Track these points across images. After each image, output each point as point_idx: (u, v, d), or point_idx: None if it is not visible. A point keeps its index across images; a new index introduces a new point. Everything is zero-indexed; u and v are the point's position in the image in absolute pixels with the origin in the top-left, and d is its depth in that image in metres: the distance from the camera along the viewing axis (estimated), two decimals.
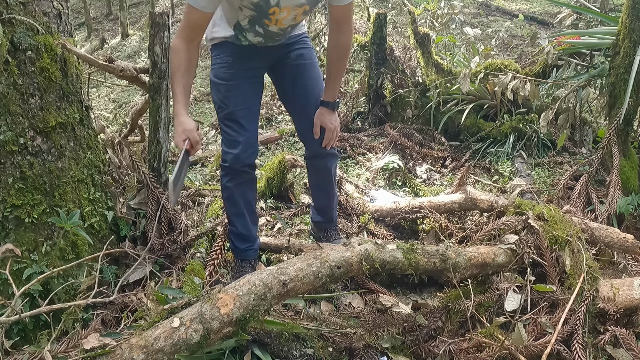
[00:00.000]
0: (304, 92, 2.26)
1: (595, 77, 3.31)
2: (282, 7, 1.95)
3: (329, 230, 2.60)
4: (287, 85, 2.30)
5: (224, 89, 2.16)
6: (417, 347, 1.86)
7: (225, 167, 2.21)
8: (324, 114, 2.22)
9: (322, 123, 2.22)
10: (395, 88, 4.19)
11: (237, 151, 2.14)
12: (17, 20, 1.86)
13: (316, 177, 2.50)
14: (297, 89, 2.27)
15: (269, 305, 1.65)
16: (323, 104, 2.23)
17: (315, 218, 2.63)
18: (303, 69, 2.26)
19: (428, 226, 2.72)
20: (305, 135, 2.32)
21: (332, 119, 2.22)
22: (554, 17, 4.43)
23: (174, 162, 4.35)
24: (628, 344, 1.83)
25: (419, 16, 4.84)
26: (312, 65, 2.29)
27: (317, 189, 2.55)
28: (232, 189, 2.24)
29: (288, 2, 1.94)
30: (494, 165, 3.60)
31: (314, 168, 2.47)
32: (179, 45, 1.96)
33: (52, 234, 2.02)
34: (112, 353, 1.49)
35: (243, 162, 2.17)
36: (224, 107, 2.17)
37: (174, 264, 2.33)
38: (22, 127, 1.91)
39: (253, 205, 2.35)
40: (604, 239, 2.27)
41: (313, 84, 2.27)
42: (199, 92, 7.24)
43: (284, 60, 2.26)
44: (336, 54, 2.18)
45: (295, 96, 2.29)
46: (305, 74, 2.26)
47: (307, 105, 2.25)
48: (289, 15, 2.00)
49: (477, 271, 2.03)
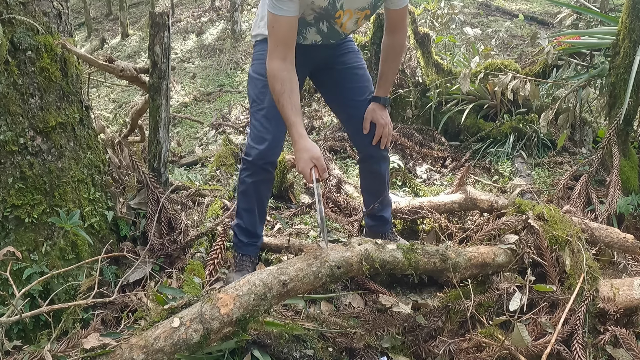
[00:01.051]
0: (352, 96, 2.25)
1: (595, 77, 3.31)
2: (345, 10, 1.95)
3: (385, 234, 2.52)
4: (336, 90, 2.30)
5: (261, 85, 2.13)
6: (417, 347, 1.86)
7: (247, 162, 2.19)
8: (375, 109, 2.22)
9: (373, 119, 2.22)
10: (395, 88, 4.19)
11: (262, 147, 2.13)
12: (17, 20, 1.86)
13: (369, 181, 2.47)
14: (345, 93, 2.26)
15: (269, 305, 1.65)
16: (375, 99, 2.23)
17: (369, 223, 2.55)
18: (350, 73, 2.26)
19: (428, 226, 2.72)
20: (356, 137, 2.31)
21: (383, 115, 2.22)
22: (554, 17, 4.43)
23: (174, 162, 4.37)
24: (628, 344, 1.83)
25: (419, 16, 4.84)
26: (359, 68, 2.28)
27: (370, 194, 2.49)
28: (249, 184, 2.22)
29: (350, 4, 1.95)
30: (494, 165, 3.60)
31: (366, 172, 2.44)
32: (276, 68, 1.86)
33: (52, 234, 2.02)
34: (112, 353, 1.49)
35: (266, 159, 2.15)
36: (259, 102, 2.15)
37: (174, 263, 2.33)
38: (22, 127, 1.91)
39: (265, 205, 2.34)
40: (604, 239, 2.27)
41: (362, 88, 2.26)
42: (199, 92, 7.24)
43: (330, 64, 2.26)
44: (391, 53, 2.21)
45: (344, 100, 2.29)
46: (353, 78, 2.26)
47: (357, 109, 2.24)
48: (352, 18, 2.02)
49: (477, 271, 2.03)
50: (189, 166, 4.36)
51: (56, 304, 1.73)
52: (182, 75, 8.19)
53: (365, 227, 2.63)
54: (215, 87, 7.40)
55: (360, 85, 2.27)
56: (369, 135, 2.26)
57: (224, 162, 3.73)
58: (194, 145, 5.13)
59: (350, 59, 2.28)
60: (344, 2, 1.94)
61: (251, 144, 2.16)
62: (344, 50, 2.27)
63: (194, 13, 11.41)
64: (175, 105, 6.73)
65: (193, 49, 9.37)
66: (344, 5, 1.94)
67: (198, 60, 8.80)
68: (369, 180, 2.47)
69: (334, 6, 1.94)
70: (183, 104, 6.84)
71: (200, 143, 5.20)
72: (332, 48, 2.22)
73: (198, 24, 10.59)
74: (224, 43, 9.18)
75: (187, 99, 6.97)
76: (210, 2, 11.53)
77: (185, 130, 5.82)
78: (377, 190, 2.45)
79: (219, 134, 5.24)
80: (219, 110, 6.13)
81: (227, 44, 9.06)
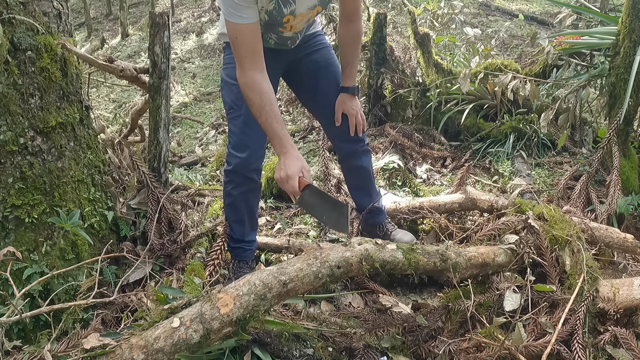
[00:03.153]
0: (326, 96, 2.23)
1: (595, 77, 3.30)
2: (297, 15, 1.92)
3: (382, 224, 2.49)
4: (308, 91, 2.28)
5: (237, 90, 2.07)
6: (417, 347, 1.86)
7: (231, 173, 2.14)
8: (345, 100, 2.19)
9: (344, 110, 2.20)
10: (395, 88, 4.19)
11: (244, 155, 2.08)
12: (17, 20, 1.86)
13: (355, 179, 2.44)
14: (319, 94, 2.24)
15: (269, 305, 1.65)
16: (343, 90, 2.20)
17: (365, 217, 2.50)
18: (321, 72, 2.23)
19: (428, 226, 2.72)
20: (333, 135, 2.29)
21: (353, 105, 2.19)
22: (554, 17, 4.43)
23: (174, 162, 4.37)
24: (628, 344, 1.82)
25: (419, 16, 4.83)
26: (329, 66, 2.24)
27: (359, 191, 2.47)
28: (235, 197, 2.19)
29: (302, 8, 1.91)
30: (494, 165, 3.60)
31: (350, 169, 2.41)
32: (250, 80, 1.79)
33: (52, 234, 2.02)
34: (112, 353, 1.49)
35: (249, 166, 2.11)
36: (236, 108, 2.09)
37: (174, 264, 2.33)
38: (22, 127, 1.91)
39: (255, 212, 2.32)
40: (604, 239, 2.27)
41: (334, 87, 2.23)
42: (199, 92, 7.24)
43: (300, 64, 2.22)
44: (350, 41, 2.16)
45: (318, 101, 2.27)
46: (324, 77, 2.23)
47: (331, 108, 2.22)
48: (303, 19, 1.99)
49: (477, 271, 2.03)
50: (189, 166, 4.36)
51: (56, 304, 1.73)
52: (182, 75, 8.20)
53: (361, 223, 2.61)
54: (215, 87, 7.40)
55: (330, 86, 2.23)
56: (344, 127, 2.22)
57: (224, 162, 3.72)
58: (194, 145, 5.13)
59: (320, 57, 2.23)
60: (296, 7, 1.88)
61: (232, 152, 2.10)
62: (313, 47, 2.22)
63: (194, 13, 11.42)
64: (175, 105, 6.73)
65: (193, 49, 9.38)
66: (295, 11, 1.89)
67: (198, 60, 8.81)
68: (354, 177, 2.44)
69: (280, 12, 1.87)
70: (183, 104, 6.85)
71: (200, 143, 5.21)
72: (297, 48, 2.17)
73: (198, 24, 10.59)
74: None
75: (187, 99, 6.97)
76: (210, 2, 11.53)
77: (185, 130, 5.83)
78: (366, 186, 2.43)
79: (219, 134, 5.24)
80: (219, 110, 6.14)
81: None
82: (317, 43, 2.24)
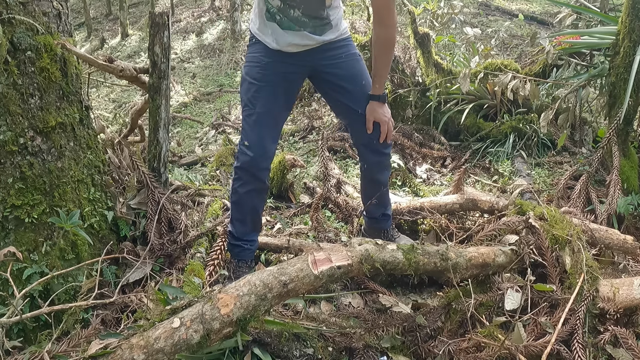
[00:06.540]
0: (353, 106, 2.20)
1: (595, 77, 3.30)
2: None
3: (387, 230, 2.51)
4: (335, 99, 2.26)
5: (254, 89, 2.10)
6: (417, 347, 1.86)
7: (239, 170, 2.16)
8: (376, 108, 2.17)
9: (375, 117, 2.18)
10: (395, 88, 4.19)
11: (253, 154, 2.10)
12: (17, 20, 1.86)
13: (370, 189, 2.44)
14: (344, 103, 2.22)
15: (269, 305, 1.65)
16: (373, 98, 2.18)
17: (370, 220, 2.55)
18: (347, 83, 2.19)
19: (428, 226, 2.72)
20: (363, 144, 2.28)
21: (384, 112, 2.18)
22: (554, 16, 4.43)
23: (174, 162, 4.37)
24: (628, 343, 1.83)
25: (418, 16, 4.83)
26: (354, 77, 2.20)
27: (374, 203, 2.47)
28: (241, 194, 2.20)
29: None
30: (494, 165, 3.60)
31: (368, 180, 2.42)
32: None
33: (52, 234, 2.02)
34: (112, 353, 1.49)
35: (259, 165, 2.13)
36: (250, 106, 2.12)
37: (174, 264, 2.33)
38: (22, 127, 1.91)
39: (259, 215, 2.32)
40: (604, 240, 2.27)
41: (362, 96, 2.20)
42: (198, 92, 7.24)
43: (325, 73, 2.19)
44: (381, 48, 2.14)
45: (345, 109, 2.25)
46: (350, 87, 2.19)
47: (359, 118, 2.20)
48: None
49: (478, 271, 2.03)
50: (189, 166, 4.36)
51: (56, 304, 1.73)
52: (182, 75, 8.19)
53: (365, 225, 2.62)
54: (215, 87, 7.40)
55: (357, 95, 2.20)
56: (374, 135, 2.22)
57: (224, 162, 3.73)
58: (194, 145, 5.13)
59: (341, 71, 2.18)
60: None
61: (243, 150, 2.14)
62: (337, 58, 2.17)
63: (194, 13, 11.41)
64: (175, 105, 6.73)
65: (193, 49, 9.37)
66: None
67: (198, 60, 8.80)
68: (370, 188, 2.45)
69: None
70: (183, 104, 6.84)
71: (200, 143, 5.20)
72: (319, 52, 2.14)
73: (198, 24, 10.58)
74: (223, 43, 9.18)
75: (187, 99, 6.97)
76: (210, 2, 11.53)
77: (185, 130, 5.82)
78: (382, 197, 2.45)
79: (218, 134, 5.23)
80: (219, 110, 6.13)
81: (227, 44, 9.06)
82: (342, 55, 2.19)
